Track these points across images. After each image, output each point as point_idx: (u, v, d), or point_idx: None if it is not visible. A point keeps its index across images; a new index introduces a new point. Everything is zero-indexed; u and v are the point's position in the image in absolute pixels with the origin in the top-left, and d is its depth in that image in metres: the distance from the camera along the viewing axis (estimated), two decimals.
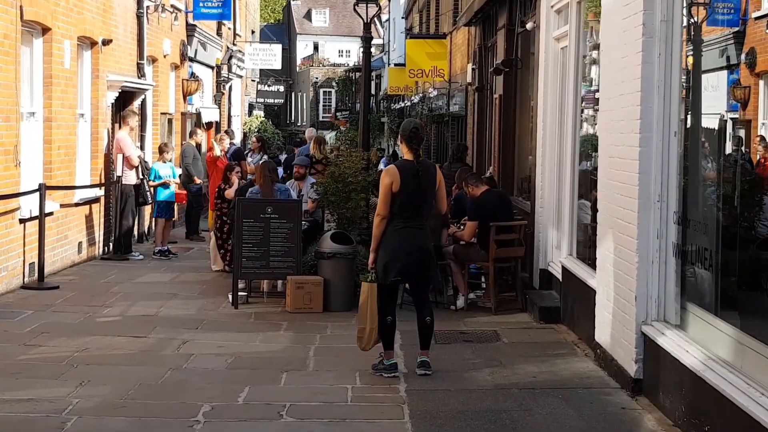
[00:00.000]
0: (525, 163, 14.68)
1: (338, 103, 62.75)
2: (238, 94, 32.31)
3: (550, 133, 11.13)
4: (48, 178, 12.90)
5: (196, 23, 22.67)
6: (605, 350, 7.93)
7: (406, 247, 7.81)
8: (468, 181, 11.41)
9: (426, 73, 23.43)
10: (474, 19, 17.43)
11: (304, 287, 10.92)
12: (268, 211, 11.23)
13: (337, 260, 11.05)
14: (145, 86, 17.61)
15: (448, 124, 23.80)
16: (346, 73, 62.09)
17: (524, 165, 14.71)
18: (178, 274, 13.81)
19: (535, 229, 11.42)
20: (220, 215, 14.15)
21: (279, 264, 11.24)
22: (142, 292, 12.14)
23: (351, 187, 11.71)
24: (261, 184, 11.84)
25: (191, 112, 22.99)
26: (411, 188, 7.79)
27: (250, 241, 11.20)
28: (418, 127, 8.05)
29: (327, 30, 72.35)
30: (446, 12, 25.53)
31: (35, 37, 12.82)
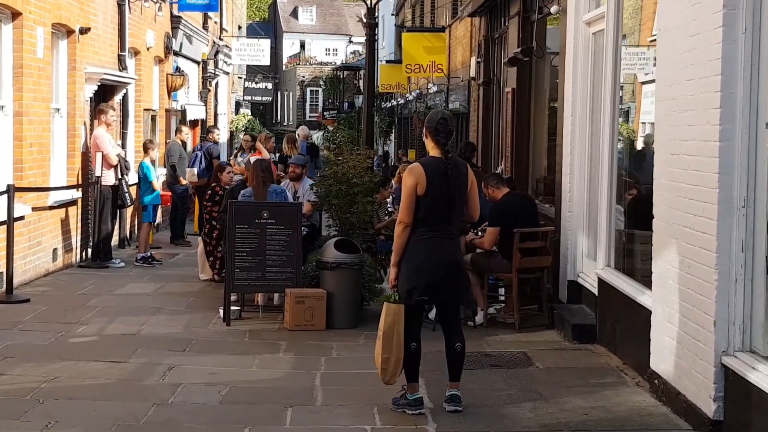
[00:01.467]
0: (540, 161, 13.55)
1: (325, 102, 61.44)
2: (224, 91, 31.05)
3: (579, 129, 9.96)
4: (18, 178, 11.64)
5: (181, 15, 21.43)
6: (667, 382, 6.75)
7: (433, 261, 6.60)
8: (488, 183, 10.23)
9: (423, 68, 22.22)
10: (480, 9, 16.24)
11: (305, 302, 9.71)
12: (263, 215, 10.01)
13: (341, 271, 9.84)
14: (126, 80, 16.38)
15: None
16: (334, 71, 60.80)
17: (539, 164, 13.57)
18: (162, 284, 12.57)
19: (561, 235, 10.23)
20: (209, 219, 12.95)
21: (276, 275, 10.01)
22: (122, 305, 10.90)
23: (356, 188, 10.50)
24: (254, 186, 10.62)
25: (176, 109, 21.76)
26: (439, 191, 6.59)
27: (243, 249, 9.98)
28: (446, 117, 6.83)
29: (314, 28, 71.09)
30: (444, 4, 24.34)
31: (4, 22, 11.56)
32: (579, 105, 9.95)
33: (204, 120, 25.49)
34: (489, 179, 10.32)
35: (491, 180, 10.29)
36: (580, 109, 9.95)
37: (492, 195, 10.17)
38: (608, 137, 8.95)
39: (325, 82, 60.53)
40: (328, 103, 60.16)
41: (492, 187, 10.17)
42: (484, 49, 17.05)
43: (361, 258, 9.99)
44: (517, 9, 13.51)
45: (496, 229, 9.94)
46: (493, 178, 10.34)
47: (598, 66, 9.70)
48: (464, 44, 19.94)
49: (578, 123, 9.97)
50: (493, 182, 10.23)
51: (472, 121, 18.82)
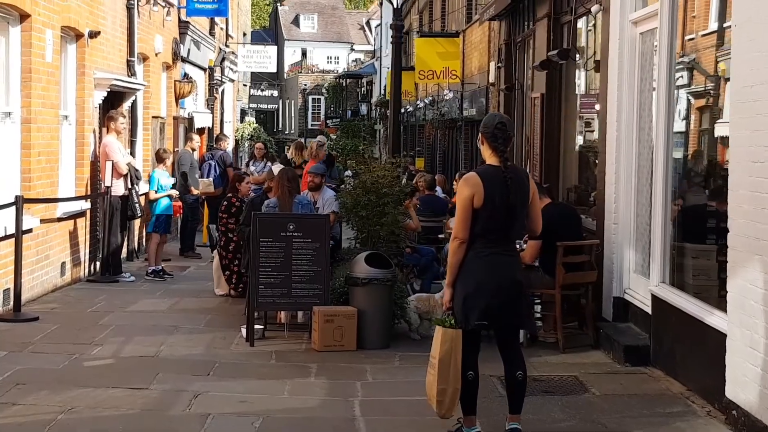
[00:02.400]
0: (571, 169, 12.96)
1: (327, 110, 60.92)
2: (229, 98, 30.43)
3: (626, 136, 9.35)
4: (26, 189, 11.02)
5: (189, 20, 20.83)
6: (749, 414, 6.13)
7: (492, 281, 5.98)
8: None
9: (437, 75, 21.64)
10: (502, 13, 15.65)
11: (335, 320, 9.08)
12: (289, 228, 9.39)
13: (373, 287, 9.22)
14: (136, 86, 15.76)
15: (461, 129, 22.01)
16: (336, 79, 60.30)
17: (570, 172, 12.98)
18: (177, 300, 11.94)
19: (605, 249, 9.61)
20: (225, 231, 12.34)
21: (303, 292, 9.39)
22: (137, 323, 10.27)
23: (386, 198, 9.89)
24: (279, 196, 10.01)
25: (183, 117, 21.16)
26: (498, 202, 5.97)
27: (268, 264, 9.36)
28: (504, 121, 6.20)
29: (315, 36, 70.53)
30: (456, 9, 23.78)
31: (12, 25, 10.94)
32: (625, 110, 9.35)
33: (210, 128, 24.90)
34: None
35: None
36: (626, 115, 9.34)
37: None
38: (663, 144, 8.34)
39: (328, 91, 59.99)
40: (331, 112, 59.68)
41: None
42: (505, 53, 16.46)
43: (394, 273, 9.37)
44: (546, 11, 12.92)
45: (537, 243, 9.30)
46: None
47: (647, 68, 9.11)
48: (481, 49, 19.34)
49: (624, 129, 9.37)
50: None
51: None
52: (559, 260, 9.15)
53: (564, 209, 9.82)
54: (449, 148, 24.87)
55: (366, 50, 68.34)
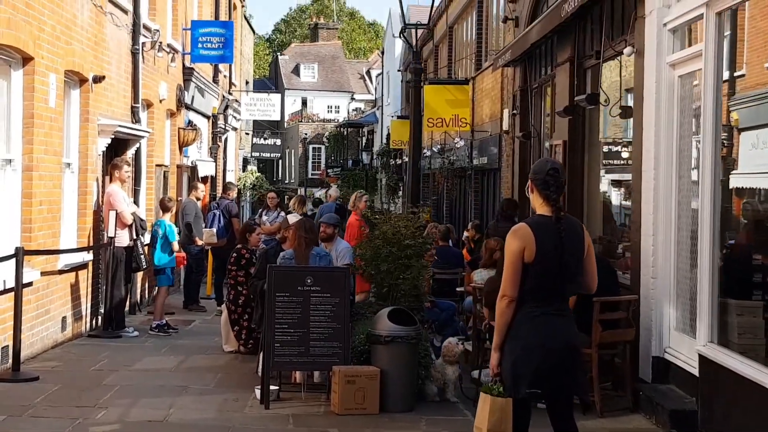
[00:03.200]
0: (595, 220, 12.43)
1: (328, 159, 60.52)
2: (232, 147, 29.98)
3: (664, 185, 8.83)
4: (27, 240, 10.46)
5: (193, 67, 20.41)
6: None
7: (544, 344, 5.42)
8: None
9: (446, 122, 21.15)
10: (519, 58, 15.20)
11: (356, 381, 8.49)
12: (307, 282, 8.82)
13: (396, 346, 8.64)
14: (141, 133, 15.25)
15: (471, 179, 21.51)
16: (337, 128, 59.99)
17: (595, 223, 12.44)
18: (184, 358, 11.33)
19: (642, 305, 9.04)
20: (234, 285, 11.77)
21: (322, 350, 8.81)
22: (143, 384, 9.66)
23: (409, 251, 9.33)
24: (295, 247, 9.45)
25: (187, 165, 20.65)
26: (551, 257, 5.43)
27: (284, 321, 8.78)
28: (557, 168, 5.69)
29: (315, 85, 70.35)
30: (465, 57, 23.41)
31: (14, 68, 10.45)
32: (663, 158, 8.83)
33: (214, 177, 24.41)
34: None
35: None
36: (664, 163, 8.82)
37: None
38: (709, 193, 7.80)
39: (329, 140, 59.65)
40: (331, 161, 59.27)
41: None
42: (520, 100, 15.99)
43: (418, 330, 8.80)
44: (568, 55, 12.45)
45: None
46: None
47: (687, 113, 8.61)
48: (493, 96, 18.90)
49: (662, 178, 8.85)
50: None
51: (504, 177, 17.70)
52: (595, 317, 8.59)
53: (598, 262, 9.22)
54: (457, 198, 24.35)
55: (366, 99, 68.15)
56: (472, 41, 22.25)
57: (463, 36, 24.45)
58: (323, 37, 75.58)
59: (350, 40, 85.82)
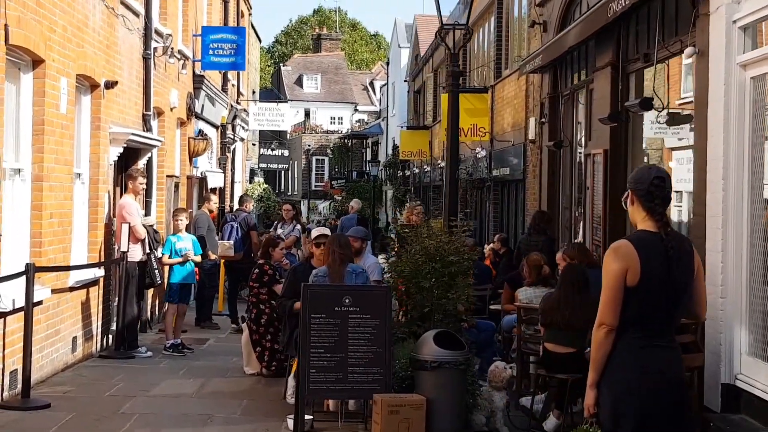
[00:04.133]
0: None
1: (332, 171, 59.85)
2: (239, 157, 29.27)
3: (735, 197, 8.09)
4: (37, 255, 9.74)
5: (203, 74, 19.71)
6: None
7: (649, 380, 4.67)
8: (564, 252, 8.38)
9: (464, 132, 20.40)
10: (549, 64, 14.50)
11: (400, 412, 7.74)
12: (345, 302, 8.08)
13: (444, 372, 7.89)
14: (153, 142, 14.54)
15: (490, 190, 20.79)
16: (342, 140, 59.31)
17: None
18: (203, 381, 10.59)
19: (707, 327, 8.30)
20: (256, 303, 11.05)
21: (361, 377, 8.05)
22: (164, 411, 8.93)
23: (453, 267, 8.60)
24: (329, 264, 8.72)
25: (197, 176, 19.94)
26: (658, 279, 4.69)
27: (320, 344, 8.03)
28: (663, 177, 4.92)
29: (318, 96, 69.72)
30: (483, 65, 22.71)
31: (23, 71, 9.75)
32: (734, 167, 8.09)
33: (222, 188, 23.71)
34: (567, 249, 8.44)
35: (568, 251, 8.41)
36: (735, 173, 8.09)
37: None
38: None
39: (333, 151, 58.96)
40: (335, 172, 58.61)
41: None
42: (549, 108, 15.28)
43: (467, 355, 8.06)
44: (609, 59, 11.75)
45: None
46: (572, 249, 8.46)
47: (760, 117, 7.89)
48: (516, 105, 18.19)
49: (733, 189, 8.11)
50: (573, 253, 8.37)
51: (529, 188, 16.98)
52: None
53: None
54: (475, 210, 23.62)
55: (370, 111, 67.54)
56: (491, 47, 21.54)
57: (480, 42, 23.73)
58: (326, 48, 75.00)
59: (352, 52, 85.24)
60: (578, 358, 8.08)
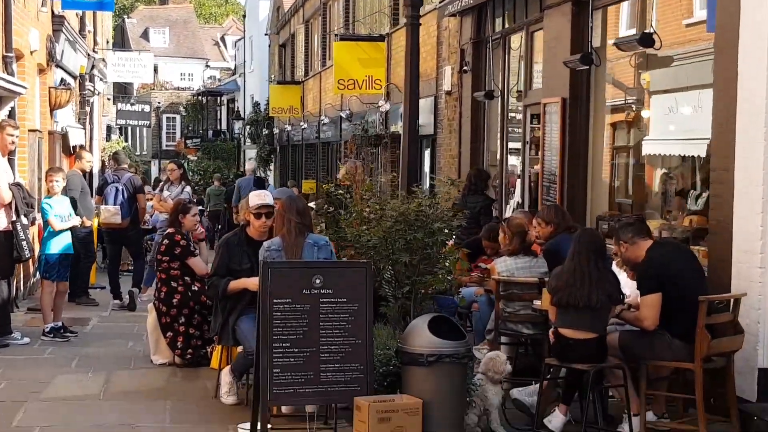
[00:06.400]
0: (600, 193, 10.39)
1: (185, 129, 57.09)
2: (97, 113, 26.74)
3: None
4: None
5: (63, 14, 17.29)
6: None
7: None
8: (622, 237, 6.93)
9: (359, 84, 18.78)
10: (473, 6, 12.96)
11: (392, 419, 6.13)
12: (315, 283, 6.38)
13: (443, 368, 6.30)
14: (17, 89, 12.31)
15: (387, 147, 19.20)
16: (194, 97, 56.55)
17: (599, 196, 10.41)
18: (106, 376, 8.68)
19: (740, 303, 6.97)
20: (165, 279, 9.19)
21: (337, 376, 6.39)
22: (72, 423, 7.02)
23: (440, 237, 7.00)
24: (283, 235, 6.96)
25: (58, 132, 17.62)
26: None
27: (285, 337, 6.32)
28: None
29: (167, 51, 66.32)
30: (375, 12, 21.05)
31: None
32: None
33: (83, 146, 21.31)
34: (623, 232, 6.97)
35: (626, 232, 6.95)
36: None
37: (631, 255, 6.90)
38: None
39: (186, 109, 56.15)
40: (189, 131, 55.87)
41: (628, 243, 6.89)
42: (472, 55, 13.78)
43: (468, 347, 6.49)
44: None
45: (656, 297, 6.62)
46: (628, 230, 6.98)
47: None
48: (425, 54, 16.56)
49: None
50: (629, 235, 6.92)
51: (444, 145, 15.46)
52: (701, 321, 6.47)
53: (675, 250, 7.06)
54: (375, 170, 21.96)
55: (222, 67, 64.86)
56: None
57: None
58: (173, 0, 71.58)
59: (199, 5, 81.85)
60: (600, 344, 6.63)
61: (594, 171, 10.42)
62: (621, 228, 7.10)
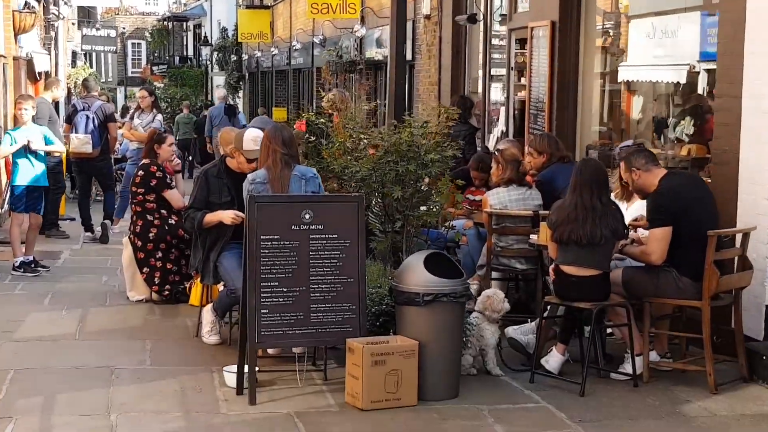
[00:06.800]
0: (588, 122, 10.07)
1: (151, 55, 55.98)
2: (61, 39, 25.96)
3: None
4: None
5: None
6: None
7: None
8: (633, 164, 6.57)
9: (332, 8, 18.21)
10: None
11: (387, 362, 5.82)
12: (305, 218, 6.03)
13: (440, 307, 5.98)
14: None
15: (362, 74, 18.71)
16: (160, 22, 55.36)
17: (588, 125, 10.09)
18: (81, 313, 8.33)
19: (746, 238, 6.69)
20: (141, 212, 8.81)
21: (328, 317, 6.06)
22: (47, 364, 6.66)
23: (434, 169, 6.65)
24: (269, 166, 6.57)
25: (24, 58, 16.99)
26: None
27: (273, 276, 5.97)
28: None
29: None
30: None
31: None
32: None
33: (48, 72, 20.68)
34: (634, 159, 6.60)
35: (637, 159, 6.58)
36: None
37: (641, 183, 6.55)
38: None
39: (152, 35, 54.96)
40: (155, 57, 54.81)
41: (641, 170, 6.54)
42: None
43: (466, 285, 6.17)
44: None
45: (667, 231, 6.32)
46: (639, 157, 6.61)
47: None
48: None
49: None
50: (641, 162, 6.55)
51: (422, 71, 15.00)
52: (710, 257, 6.18)
53: (689, 182, 6.72)
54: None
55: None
56: None
57: None
58: None
59: None
60: (603, 281, 6.35)
61: (584, 98, 10.06)
62: (634, 154, 6.70)
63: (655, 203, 6.42)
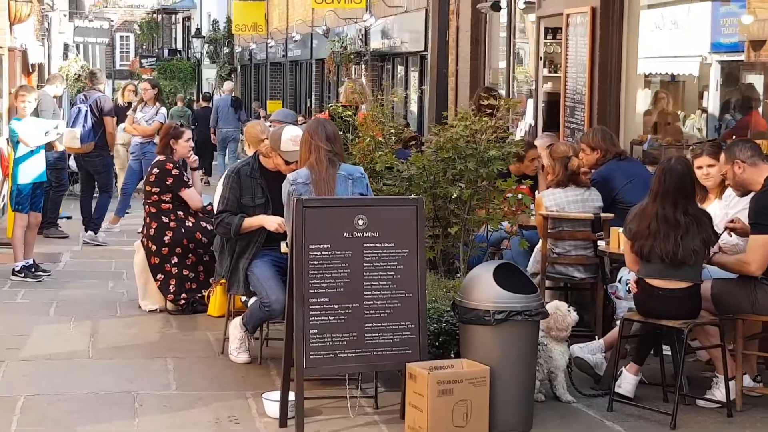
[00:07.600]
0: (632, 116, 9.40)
1: (139, 48, 55.04)
2: (54, 30, 25.17)
3: None
4: None
5: None
6: None
7: None
8: (737, 156, 5.81)
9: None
10: None
11: (455, 391, 5.10)
12: (358, 224, 5.29)
13: (513, 326, 5.26)
14: None
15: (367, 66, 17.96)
16: (149, 15, 54.45)
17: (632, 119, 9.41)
18: (91, 325, 7.58)
19: None
20: (155, 213, 8.06)
21: (384, 337, 5.33)
22: (60, 389, 5.90)
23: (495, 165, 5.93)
24: (311, 165, 5.81)
25: (19, 49, 16.23)
26: None
27: (324, 291, 5.23)
28: None
29: None
30: None
31: None
32: None
33: (42, 64, 19.91)
34: (738, 150, 5.84)
35: (742, 151, 5.83)
36: None
37: (744, 177, 5.80)
38: None
39: (141, 27, 54.03)
40: (143, 50, 53.90)
41: (746, 163, 5.79)
42: None
43: (540, 301, 5.44)
44: None
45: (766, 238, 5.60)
46: (745, 148, 5.86)
47: None
48: None
49: None
50: (747, 154, 5.81)
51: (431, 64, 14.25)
52: None
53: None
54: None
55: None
56: None
57: None
58: None
59: None
60: (694, 295, 5.63)
61: (628, 91, 9.38)
62: (739, 144, 5.93)
63: (758, 205, 5.65)
